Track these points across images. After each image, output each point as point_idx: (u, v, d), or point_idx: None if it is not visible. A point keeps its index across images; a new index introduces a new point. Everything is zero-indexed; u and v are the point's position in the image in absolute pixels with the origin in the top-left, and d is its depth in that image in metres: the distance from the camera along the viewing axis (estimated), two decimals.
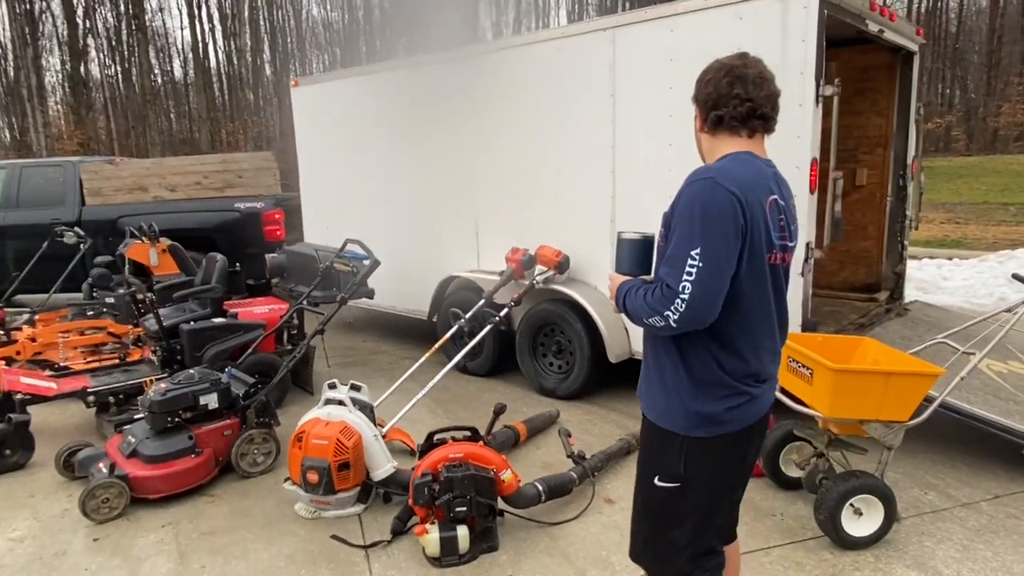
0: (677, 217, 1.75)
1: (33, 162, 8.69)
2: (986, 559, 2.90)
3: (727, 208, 1.68)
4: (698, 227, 1.68)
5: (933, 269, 9.03)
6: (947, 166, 22.43)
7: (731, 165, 1.79)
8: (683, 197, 1.75)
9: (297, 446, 3.37)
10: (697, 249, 1.66)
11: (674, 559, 1.95)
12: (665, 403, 1.87)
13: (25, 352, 5.15)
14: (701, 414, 1.80)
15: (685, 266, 1.67)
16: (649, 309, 1.74)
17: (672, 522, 1.92)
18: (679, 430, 1.83)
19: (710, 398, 1.80)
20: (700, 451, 1.83)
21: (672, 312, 1.68)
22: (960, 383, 3.78)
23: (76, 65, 29.90)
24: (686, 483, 1.85)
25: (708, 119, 1.87)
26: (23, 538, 3.30)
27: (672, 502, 1.89)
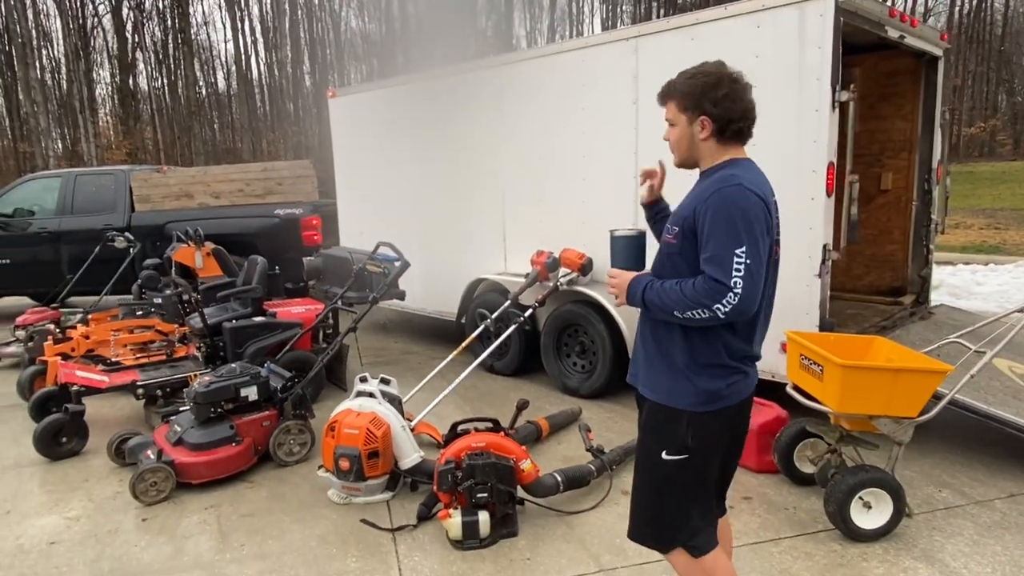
0: (712, 220, 1.86)
1: (86, 171, 9.16)
2: (995, 554, 2.95)
3: (760, 210, 1.87)
4: (741, 228, 1.83)
5: (967, 274, 8.92)
6: (990, 171, 21.92)
7: (747, 172, 1.95)
8: (716, 202, 1.87)
9: (330, 435, 3.57)
10: (743, 248, 1.81)
11: (676, 531, 2.08)
12: (671, 383, 2.01)
13: (79, 349, 5.49)
14: (708, 391, 1.97)
15: (733, 264, 1.81)
16: (691, 302, 1.85)
17: (679, 492, 2.05)
18: (686, 407, 1.98)
19: (714, 376, 1.97)
20: (705, 424, 1.99)
21: (724, 305, 1.81)
22: (979, 384, 3.84)
23: (125, 78, 31.10)
24: (692, 453, 2.00)
25: (726, 131, 1.98)
26: (79, 517, 3.56)
27: (680, 473, 2.03)
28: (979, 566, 2.86)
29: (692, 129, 2.03)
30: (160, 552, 3.18)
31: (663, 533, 2.12)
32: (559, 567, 2.96)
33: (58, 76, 32.98)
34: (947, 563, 2.89)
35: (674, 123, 2.07)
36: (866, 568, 2.87)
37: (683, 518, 2.07)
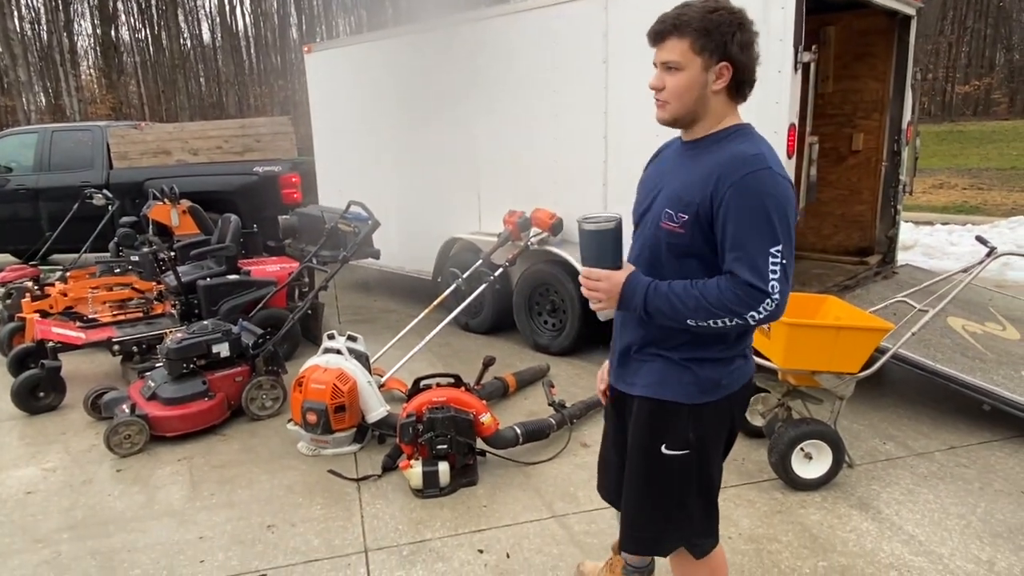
0: (740, 211, 1.59)
1: (62, 126, 9.07)
2: (927, 502, 3.11)
3: (791, 199, 1.63)
4: (776, 223, 1.58)
5: (943, 235, 9.03)
6: (980, 130, 21.89)
7: (767, 149, 1.67)
8: (743, 189, 1.59)
9: (298, 390, 3.68)
10: (779, 247, 1.58)
11: (678, 531, 1.90)
12: (664, 376, 1.80)
13: (57, 306, 5.55)
14: (710, 379, 1.77)
15: (769, 265, 1.58)
16: (716, 309, 1.61)
17: (683, 489, 1.85)
18: (686, 399, 1.77)
19: (717, 366, 1.78)
20: (706, 415, 1.80)
21: (759, 312, 1.59)
22: (929, 341, 3.97)
23: (107, 29, 30.38)
24: (694, 447, 1.81)
25: (742, 85, 1.68)
26: (55, 468, 3.68)
27: (682, 469, 1.83)
28: (910, 513, 3.02)
29: (706, 76, 1.65)
30: (133, 501, 3.31)
31: (657, 536, 1.92)
32: (514, 513, 3.11)
33: (38, 27, 32.24)
34: (880, 510, 3.05)
35: (680, 67, 1.65)
36: (804, 515, 3.03)
37: (686, 518, 1.88)
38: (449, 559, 2.78)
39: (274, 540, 2.95)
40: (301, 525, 3.06)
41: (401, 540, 2.92)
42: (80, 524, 3.12)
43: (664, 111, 1.72)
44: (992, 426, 3.82)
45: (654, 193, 1.80)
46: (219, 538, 2.98)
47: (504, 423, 3.60)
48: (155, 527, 3.08)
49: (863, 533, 2.88)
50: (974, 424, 3.86)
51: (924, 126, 6.02)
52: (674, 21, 1.64)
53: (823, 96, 5.59)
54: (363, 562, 2.78)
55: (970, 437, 3.73)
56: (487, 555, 2.80)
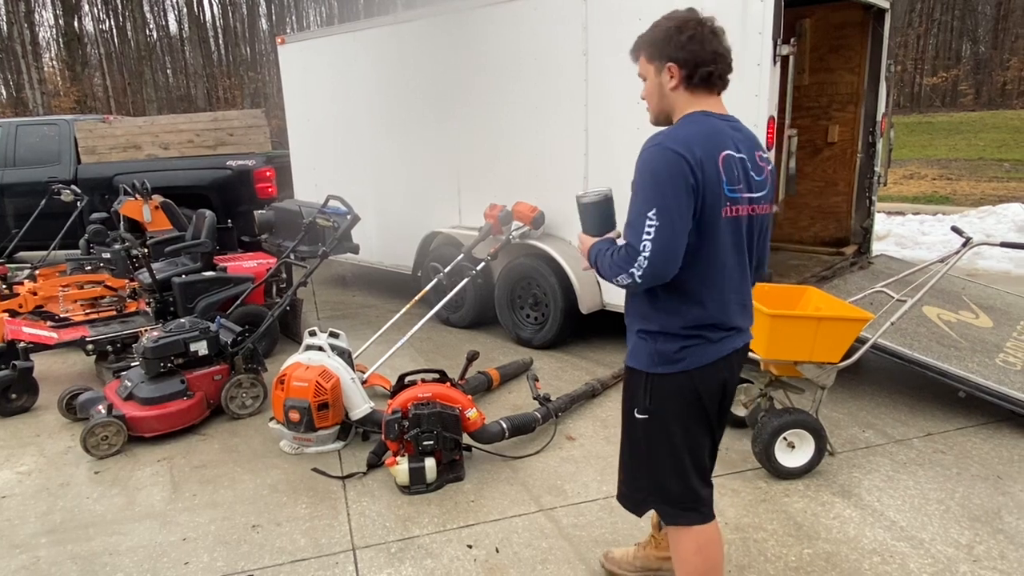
0: (635, 180, 1.83)
1: (27, 121, 8.82)
2: (907, 488, 3.17)
3: (676, 169, 1.76)
4: (651, 189, 1.78)
5: (915, 225, 9.20)
6: (947, 121, 22.32)
7: (680, 128, 1.86)
8: (638, 163, 1.83)
9: (280, 388, 3.63)
10: (653, 210, 1.75)
11: (648, 493, 2.09)
12: (634, 346, 2.03)
13: (27, 305, 5.41)
14: (660, 352, 1.94)
15: (644, 226, 1.76)
16: (616, 268, 1.84)
17: (647, 452, 2.04)
18: (643, 368, 1.98)
19: (666, 340, 1.93)
20: (661, 386, 1.97)
21: (636, 269, 1.79)
22: (906, 331, 4.04)
23: (69, 20, 29.60)
24: (653, 415, 1.99)
25: (695, 76, 1.85)
26: (31, 471, 3.59)
27: (645, 432, 2.02)
28: (891, 499, 3.08)
29: (661, 79, 1.91)
30: (112, 503, 3.25)
31: (634, 494, 2.14)
32: (501, 508, 3.11)
33: None
34: (862, 497, 3.10)
35: (644, 76, 1.95)
36: (787, 503, 3.07)
37: (652, 481, 2.06)
38: (438, 555, 2.77)
39: (260, 540, 2.92)
40: (287, 524, 3.03)
41: (389, 537, 2.91)
42: (59, 528, 3.05)
43: (649, 115, 2.03)
44: (967, 412, 3.91)
45: None
46: (203, 539, 2.94)
47: (489, 418, 3.60)
48: (137, 529, 3.02)
49: (846, 520, 2.92)
50: (950, 411, 3.95)
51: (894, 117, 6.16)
52: (635, 43, 1.96)
53: (799, 89, 5.63)
54: (351, 560, 2.76)
55: (946, 423, 3.81)
56: (476, 550, 2.80)
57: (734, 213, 1.87)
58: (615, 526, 2.94)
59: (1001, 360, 4.02)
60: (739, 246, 1.93)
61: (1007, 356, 4.10)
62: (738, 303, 1.97)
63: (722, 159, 1.82)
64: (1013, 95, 30.65)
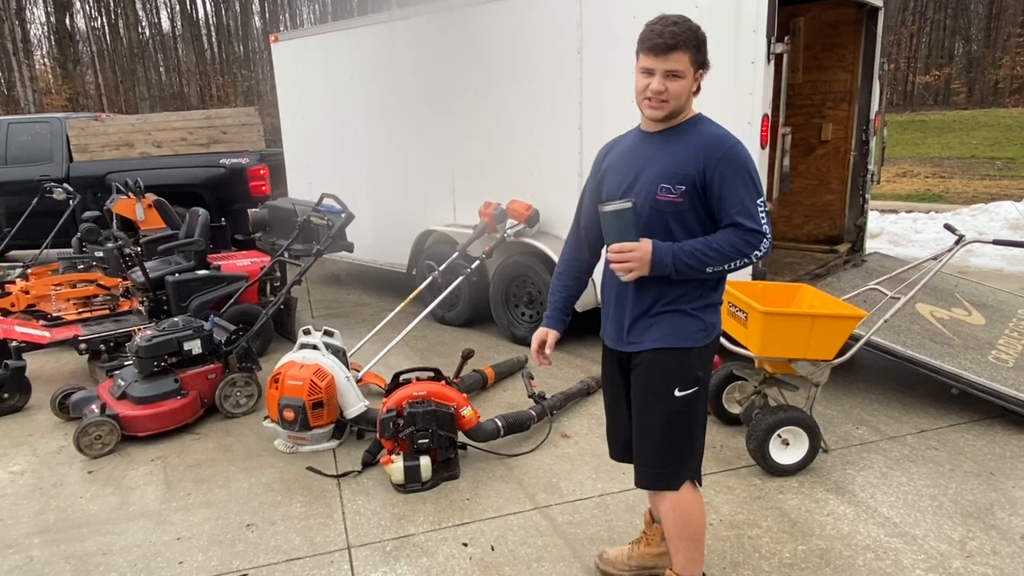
0: (732, 176, 2.00)
1: (19, 118, 8.77)
2: (900, 484, 3.18)
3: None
4: (756, 181, 2.04)
5: (908, 222, 9.23)
6: (940, 120, 22.40)
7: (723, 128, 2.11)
8: (731, 159, 2.00)
9: (274, 387, 3.62)
10: (761, 199, 2.04)
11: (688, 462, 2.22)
12: (678, 327, 2.11)
13: (19, 304, 5.38)
14: (712, 324, 2.17)
15: (759, 212, 2.01)
16: (732, 254, 2.00)
17: (692, 423, 2.20)
18: (696, 343, 2.13)
19: (715, 311, 2.19)
20: (708, 354, 2.19)
21: (760, 250, 2.02)
22: (899, 328, 4.06)
23: (61, 17, 29.41)
24: (700, 383, 2.17)
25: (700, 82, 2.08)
26: (23, 471, 3.58)
27: (692, 405, 2.17)
28: (884, 495, 3.09)
29: (688, 83, 2.02)
30: (106, 503, 3.23)
31: (669, 468, 2.20)
32: (497, 506, 3.11)
33: None
34: (856, 493, 3.11)
35: (682, 75, 1.99)
36: (782, 500, 3.08)
37: (692, 448, 2.22)
38: (433, 553, 2.77)
39: (254, 539, 2.91)
40: (281, 523, 3.02)
41: (384, 536, 2.90)
42: (52, 528, 3.04)
43: (662, 110, 2.03)
44: (960, 409, 3.93)
45: (632, 174, 2.11)
46: (197, 538, 2.93)
47: (484, 416, 3.60)
48: (131, 529, 3.01)
49: (840, 516, 2.94)
50: (943, 408, 3.97)
51: (888, 116, 6.17)
52: (681, 38, 1.95)
53: (793, 87, 5.66)
54: (346, 559, 2.76)
55: (940, 420, 3.83)
56: (471, 548, 2.80)
57: None
58: (610, 523, 2.94)
59: (993, 357, 4.05)
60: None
61: (999, 353, 4.12)
62: None
63: None
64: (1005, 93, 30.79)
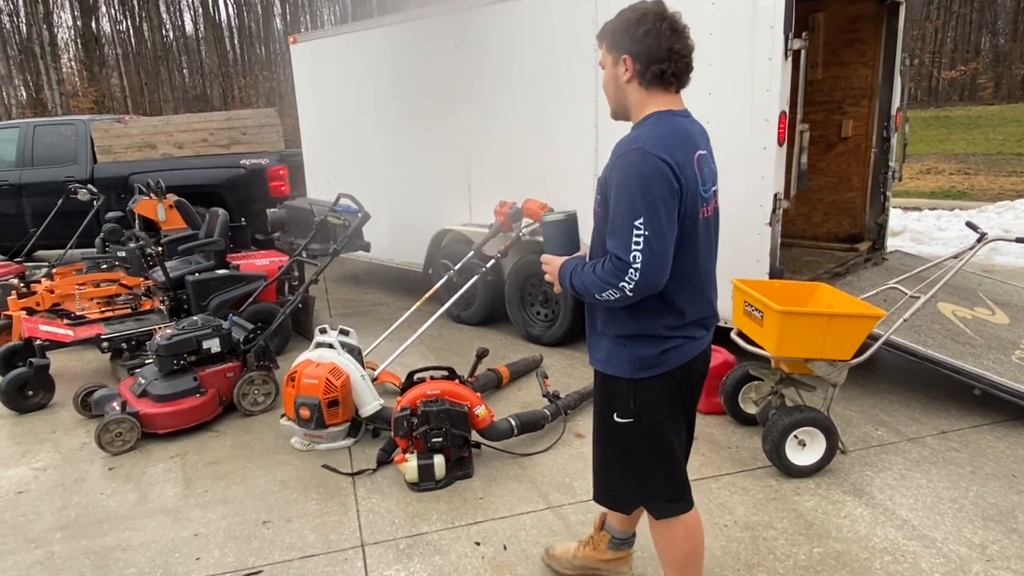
0: (615, 189, 1.76)
1: (45, 121, 8.93)
2: (920, 486, 3.13)
3: (661, 176, 1.72)
4: (638, 197, 1.70)
5: (932, 220, 9.08)
6: (965, 116, 22.00)
7: (656, 130, 1.80)
8: (617, 168, 1.77)
9: (290, 385, 3.66)
10: (640, 219, 1.70)
11: (633, 491, 2.10)
12: (609, 353, 1.97)
13: (44, 303, 5.47)
14: (641, 358, 1.92)
15: (632, 236, 1.70)
16: (602, 283, 1.78)
17: (632, 454, 2.03)
18: (624, 375, 1.94)
19: (648, 344, 1.91)
20: (645, 389, 1.95)
21: (627, 282, 1.73)
22: (920, 327, 4.00)
23: (87, 21, 29.89)
24: (638, 417, 1.97)
25: (647, 73, 1.81)
26: (46, 467, 3.65)
27: (630, 435, 2.00)
28: (903, 498, 3.05)
29: (617, 71, 1.86)
30: (126, 499, 3.29)
31: (619, 494, 2.14)
32: (510, 505, 3.11)
33: (16, 20, 31.69)
34: (874, 495, 3.07)
35: (603, 65, 1.91)
36: (798, 501, 3.05)
37: (639, 480, 2.06)
38: (446, 552, 2.78)
39: (270, 536, 2.94)
40: (296, 520, 3.05)
41: (398, 534, 2.92)
42: (73, 523, 3.09)
43: (609, 107, 1.97)
44: (982, 410, 3.85)
45: None
46: (214, 535, 2.96)
47: (499, 415, 3.60)
48: (149, 525, 3.05)
49: (857, 519, 2.90)
50: (965, 409, 3.90)
51: (911, 112, 6.09)
52: (601, 30, 1.90)
53: (812, 83, 5.59)
54: (360, 556, 2.78)
55: (961, 422, 3.76)
56: (484, 547, 2.80)
57: (708, 213, 1.89)
58: None
59: (1017, 357, 3.97)
60: (709, 242, 1.94)
61: (1023, 353, 4.04)
62: (709, 299, 2.00)
63: (697, 160, 1.81)
64: None
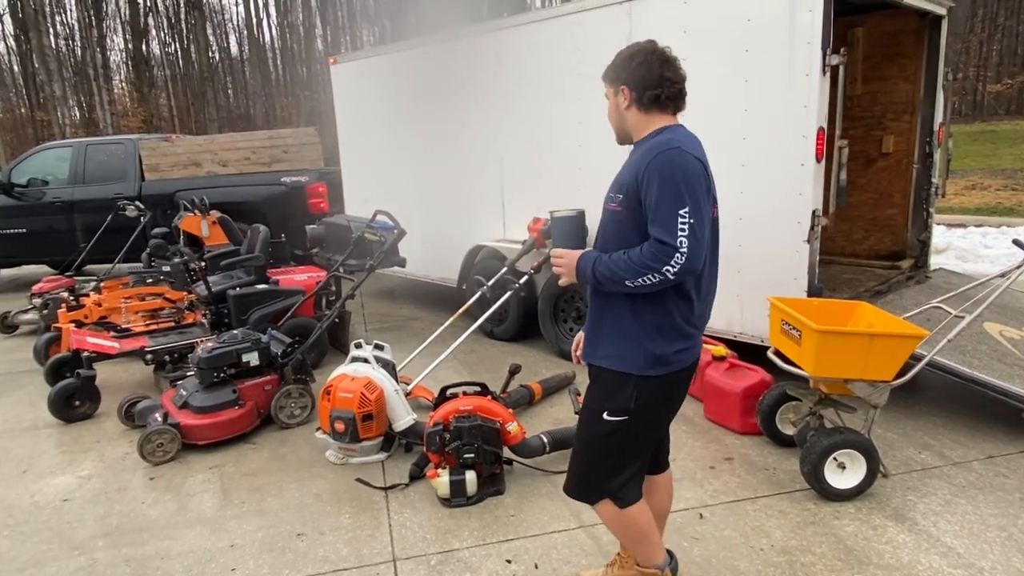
0: (655, 183, 1.91)
1: (96, 140, 9.29)
2: (965, 513, 3.03)
3: (699, 171, 1.95)
4: (683, 189, 1.89)
5: (977, 237, 8.83)
6: (1012, 130, 21.37)
7: (683, 137, 2.03)
8: (656, 166, 1.93)
9: (326, 399, 3.71)
10: (686, 208, 1.87)
11: (606, 485, 2.20)
12: (620, 348, 2.07)
13: (92, 316, 5.67)
14: (656, 355, 2.03)
15: (677, 224, 1.86)
16: (640, 268, 1.89)
17: (614, 451, 2.16)
18: (634, 371, 2.05)
19: (664, 341, 2.03)
20: (649, 388, 2.07)
21: (672, 266, 1.86)
22: (965, 348, 3.88)
23: (138, 44, 31.06)
24: (632, 416, 2.08)
25: (643, 98, 2.07)
26: (91, 476, 3.75)
27: (616, 433, 2.12)
28: (948, 524, 2.95)
29: (616, 100, 2.15)
30: (166, 509, 3.36)
31: (593, 487, 2.24)
32: (542, 523, 3.09)
33: (72, 43, 33.06)
34: (917, 521, 2.98)
35: (607, 97, 2.19)
36: (837, 526, 2.97)
37: (614, 474, 2.18)
38: (477, 569, 2.78)
39: (304, 549, 2.97)
40: (330, 534, 3.08)
41: (429, 549, 2.93)
42: (115, 531, 3.17)
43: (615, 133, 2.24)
44: None
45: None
46: (250, 546, 3.01)
47: (531, 431, 3.59)
48: (187, 535, 3.12)
49: (899, 545, 2.81)
50: (1013, 432, 3.76)
51: (955, 126, 5.93)
52: (603, 73, 2.19)
53: (851, 99, 5.50)
54: (392, 571, 2.79)
55: (1009, 446, 3.63)
56: (515, 565, 2.79)
57: (716, 214, 2.10)
58: None
59: None
60: (714, 246, 2.12)
61: None
62: (711, 295, 2.18)
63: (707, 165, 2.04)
64: None
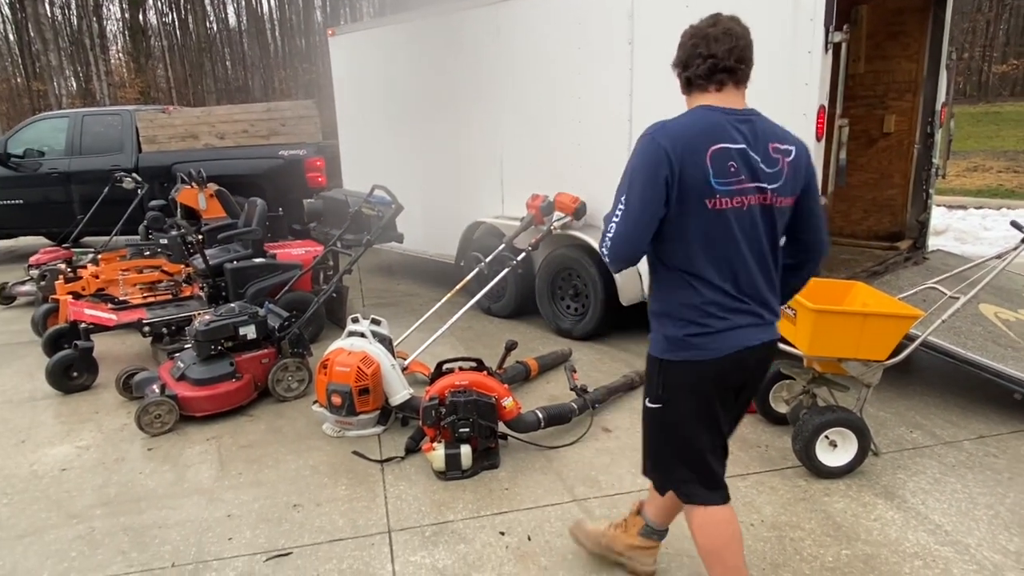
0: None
1: (93, 111, 9.21)
2: (954, 491, 3.07)
3: (654, 160, 1.84)
4: (628, 176, 1.90)
5: (977, 219, 8.82)
6: (1016, 111, 21.24)
7: (675, 121, 1.92)
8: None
9: (323, 372, 3.73)
10: (624, 195, 1.88)
11: (663, 475, 2.19)
12: (652, 331, 2.08)
13: (89, 288, 5.67)
14: (667, 338, 1.99)
15: (615, 209, 1.90)
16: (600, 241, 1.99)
17: (658, 440, 2.13)
18: (656, 354, 2.04)
19: (671, 323, 1.98)
20: (673, 373, 2.00)
21: (602, 250, 1.94)
22: (959, 329, 3.90)
23: (135, 14, 30.66)
24: (665, 404, 2.04)
25: (681, 79, 2.03)
26: (88, 446, 3.78)
27: (654, 421, 2.10)
28: (936, 502, 2.98)
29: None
30: (163, 479, 3.40)
31: (654, 475, 2.24)
32: (535, 497, 3.13)
33: (68, 12, 32.64)
34: (906, 499, 3.01)
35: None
36: (827, 502, 3.01)
37: (668, 466, 2.14)
38: (471, 541, 2.81)
39: (300, 519, 3.01)
40: (326, 505, 3.12)
41: (424, 521, 2.96)
42: (113, 501, 3.21)
43: None
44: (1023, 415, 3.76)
45: None
46: (246, 516, 3.05)
47: (526, 407, 3.62)
48: (185, 504, 3.15)
49: (888, 522, 2.85)
50: (1005, 413, 3.79)
51: (959, 107, 5.90)
52: None
53: (853, 77, 5.46)
54: (386, 542, 2.83)
55: (1000, 426, 3.66)
56: (508, 537, 2.83)
57: (724, 205, 1.88)
58: None
59: None
60: (749, 236, 1.92)
61: None
62: (749, 295, 1.95)
63: (712, 152, 1.85)
64: None
